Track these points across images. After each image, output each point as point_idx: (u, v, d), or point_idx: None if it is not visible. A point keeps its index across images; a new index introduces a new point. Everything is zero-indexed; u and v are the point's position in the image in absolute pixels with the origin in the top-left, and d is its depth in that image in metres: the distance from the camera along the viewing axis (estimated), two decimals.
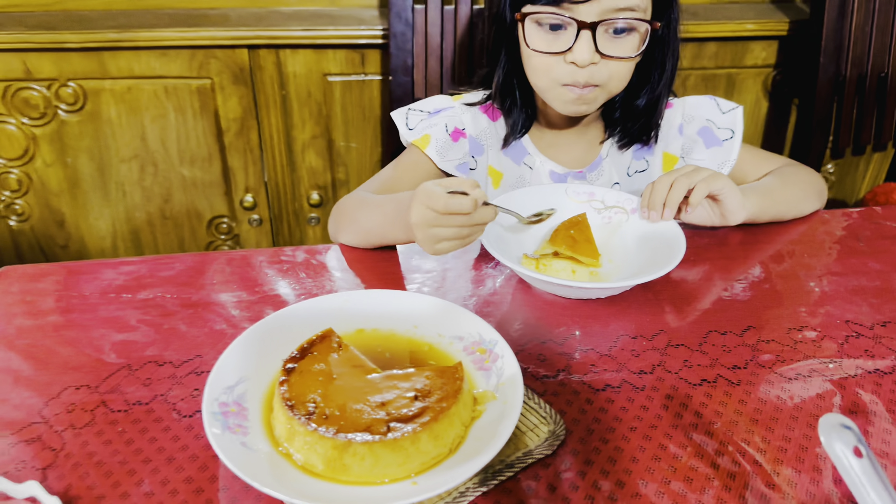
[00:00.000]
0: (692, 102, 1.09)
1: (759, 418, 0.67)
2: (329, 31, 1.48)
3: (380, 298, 0.75)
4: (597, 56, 0.90)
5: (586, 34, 0.88)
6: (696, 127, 1.08)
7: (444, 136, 1.03)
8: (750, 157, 1.07)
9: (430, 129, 1.03)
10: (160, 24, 1.47)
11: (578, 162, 1.07)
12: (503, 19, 0.98)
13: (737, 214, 0.91)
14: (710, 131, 1.08)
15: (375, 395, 0.61)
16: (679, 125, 1.09)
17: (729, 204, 0.90)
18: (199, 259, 0.87)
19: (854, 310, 0.82)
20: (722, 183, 0.89)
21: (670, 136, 1.09)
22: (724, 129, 1.07)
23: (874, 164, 1.92)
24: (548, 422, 0.65)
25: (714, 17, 1.62)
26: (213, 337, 0.75)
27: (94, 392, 0.68)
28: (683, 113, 1.09)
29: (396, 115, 1.06)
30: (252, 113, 1.58)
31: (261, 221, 1.72)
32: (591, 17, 0.88)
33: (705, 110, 1.09)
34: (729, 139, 1.06)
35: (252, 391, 0.65)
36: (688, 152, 1.09)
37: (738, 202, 0.90)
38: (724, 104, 1.09)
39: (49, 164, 1.59)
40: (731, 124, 1.07)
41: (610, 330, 0.78)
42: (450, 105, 1.07)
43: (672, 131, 1.09)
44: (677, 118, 1.09)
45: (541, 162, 1.06)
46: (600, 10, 0.87)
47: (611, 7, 0.87)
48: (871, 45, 1.59)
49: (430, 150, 1.02)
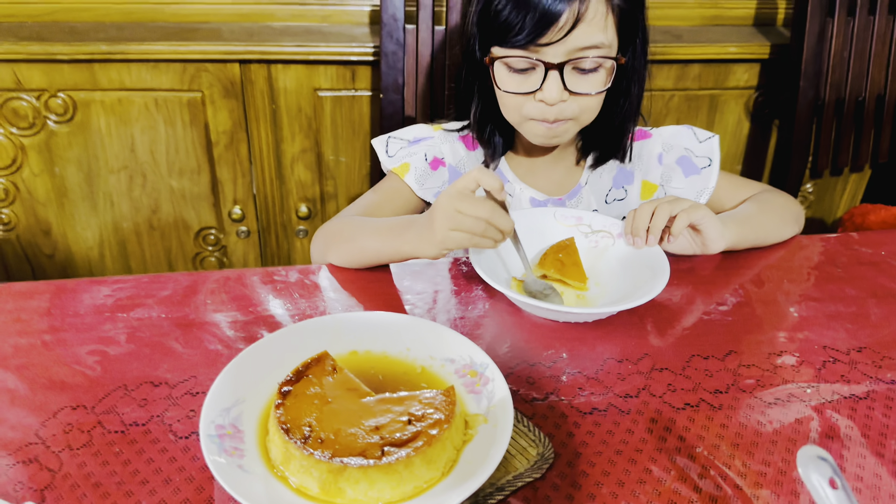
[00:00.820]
0: (670, 132, 1.13)
1: (739, 442, 0.69)
2: (320, 48, 1.50)
3: (373, 320, 0.77)
4: (565, 94, 0.93)
5: (554, 74, 0.92)
6: (675, 156, 1.11)
7: (424, 164, 1.06)
8: (727, 184, 1.11)
9: (409, 158, 1.07)
10: (152, 38, 1.48)
11: (558, 188, 1.10)
12: (474, 58, 1.00)
13: (717, 243, 0.94)
14: (688, 160, 1.11)
15: (370, 418, 0.63)
16: (658, 154, 1.12)
17: (709, 233, 0.93)
18: (193, 278, 0.88)
19: (831, 335, 0.85)
20: (702, 213, 0.92)
21: (650, 165, 1.12)
22: (701, 157, 1.10)
23: (851, 184, 1.97)
24: (537, 445, 0.67)
25: (698, 40, 1.65)
26: (207, 357, 0.76)
27: (91, 412, 0.69)
28: (662, 142, 1.12)
29: (377, 142, 1.09)
30: (242, 126, 1.59)
31: (248, 233, 1.73)
32: (558, 59, 0.91)
33: (683, 139, 1.12)
34: (707, 167, 1.09)
35: (248, 413, 0.66)
36: (667, 181, 1.12)
37: (717, 232, 0.93)
38: (700, 133, 1.12)
39: (37, 173, 1.59)
40: (709, 153, 1.10)
41: (597, 353, 0.80)
42: (429, 135, 1.10)
43: (652, 160, 1.12)
44: (657, 147, 1.12)
45: (520, 189, 1.09)
46: (566, 51, 0.91)
47: (576, 46, 0.91)
48: (850, 70, 1.64)
49: (409, 178, 1.05)
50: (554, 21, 0.88)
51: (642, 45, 1.00)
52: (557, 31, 0.89)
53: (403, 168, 1.06)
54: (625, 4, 0.93)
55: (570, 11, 0.88)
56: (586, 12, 0.89)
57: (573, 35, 0.89)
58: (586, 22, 0.89)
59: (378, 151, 1.09)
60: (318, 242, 0.99)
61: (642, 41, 1.00)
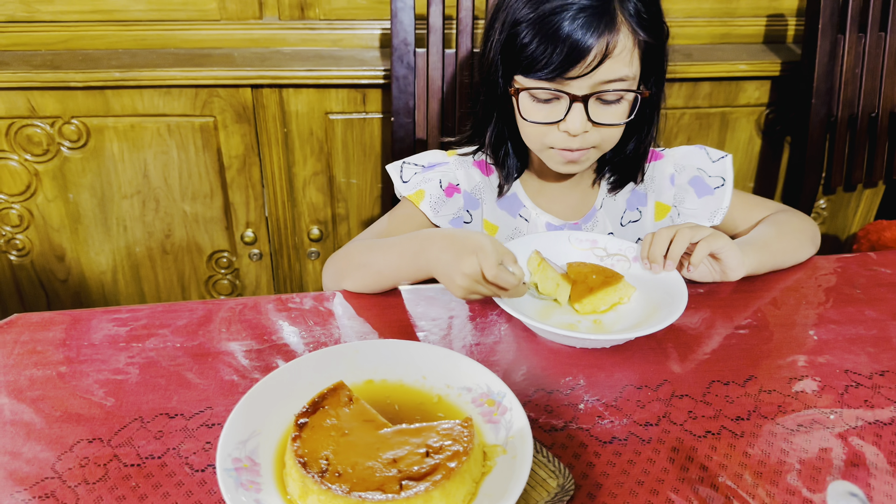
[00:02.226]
0: (682, 153, 1.13)
1: (763, 471, 0.68)
2: (331, 72, 1.50)
3: (389, 349, 0.77)
4: (589, 125, 0.94)
5: (578, 106, 0.92)
6: (688, 176, 1.11)
7: (439, 191, 1.06)
8: (741, 204, 1.10)
9: (424, 185, 1.06)
10: (164, 64, 1.49)
11: (573, 213, 1.09)
12: (495, 86, 1.01)
13: (736, 272, 0.93)
14: (701, 180, 1.10)
15: (387, 451, 0.62)
16: (671, 175, 1.12)
17: (729, 262, 0.92)
18: (208, 307, 0.88)
19: (852, 359, 0.84)
20: (722, 242, 0.91)
21: (663, 187, 1.12)
22: (714, 177, 1.10)
23: (865, 200, 1.95)
24: (557, 476, 0.66)
25: (708, 59, 1.65)
26: (223, 388, 0.76)
27: (107, 445, 0.68)
28: (675, 163, 1.12)
29: (391, 168, 1.09)
30: (254, 150, 1.60)
31: (261, 256, 1.73)
32: (583, 91, 0.92)
33: (695, 159, 1.12)
34: (720, 187, 1.09)
35: (264, 445, 0.66)
36: (680, 201, 1.12)
37: (737, 260, 0.92)
38: (713, 153, 1.12)
39: (51, 199, 1.60)
40: (722, 172, 1.10)
41: (615, 379, 0.79)
42: (444, 160, 1.09)
43: (664, 181, 1.12)
44: (669, 168, 1.12)
45: (536, 214, 1.09)
46: (592, 84, 0.91)
47: (601, 80, 0.91)
48: (862, 86, 1.63)
49: (424, 206, 1.05)
50: (583, 57, 0.89)
51: (662, 75, 1.01)
52: (585, 66, 0.89)
53: (419, 195, 1.05)
54: (650, 39, 0.93)
55: (599, 47, 0.89)
56: (615, 47, 0.90)
57: (600, 69, 0.90)
58: (613, 57, 0.90)
59: (393, 177, 1.09)
60: (331, 270, 0.99)
61: (662, 72, 1.01)
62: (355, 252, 0.96)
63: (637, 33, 0.92)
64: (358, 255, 0.96)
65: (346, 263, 0.96)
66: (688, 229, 0.91)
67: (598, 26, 0.88)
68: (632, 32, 0.92)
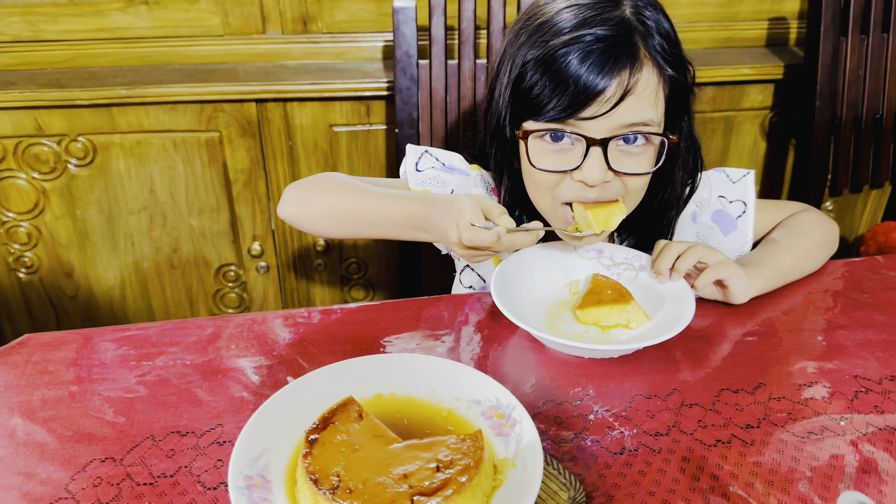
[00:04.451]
0: (702, 183, 1.03)
1: (774, 479, 0.68)
2: (335, 84, 1.51)
3: (397, 362, 0.77)
4: (609, 173, 0.85)
5: (597, 150, 0.83)
6: (710, 212, 1.05)
7: None
8: (762, 216, 1.05)
9: (434, 186, 1.00)
10: (169, 80, 1.50)
11: None
12: (504, 135, 0.92)
13: (740, 298, 0.91)
14: (724, 213, 1.04)
15: (398, 466, 0.62)
16: (692, 213, 1.05)
17: (734, 290, 0.90)
18: (217, 323, 0.89)
19: (862, 364, 0.84)
20: (731, 271, 0.88)
21: (683, 225, 1.04)
22: (735, 202, 1.04)
23: (872, 200, 1.95)
24: (568, 489, 0.66)
25: (711, 63, 1.66)
26: (233, 405, 0.76)
27: (119, 465, 0.69)
28: (695, 198, 1.04)
29: (411, 149, 1.03)
30: (259, 164, 1.60)
31: (268, 268, 1.74)
32: (601, 134, 0.83)
33: (715, 188, 1.05)
34: (742, 215, 1.03)
35: (275, 462, 0.66)
36: (705, 240, 1.05)
37: (742, 288, 0.90)
38: (733, 173, 1.05)
39: (58, 216, 1.61)
40: (742, 195, 1.04)
41: (624, 389, 0.79)
42: (465, 171, 1.03)
43: (685, 220, 1.04)
44: (690, 205, 1.04)
45: None
46: (611, 127, 0.82)
47: (623, 123, 0.82)
48: (866, 88, 1.63)
49: None
50: (599, 93, 0.81)
51: (689, 126, 0.93)
52: (603, 105, 0.81)
53: None
54: (678, 77, 0.85)
55: (619, 82, 0.81)
56: (636, 85, 0.81)
57: (619, 109, 0.81)
58: (636, 95, 0.81)
59: (408, 159, 1.01)
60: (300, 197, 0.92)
61: (689, 122, 0.93)
62: (343, 192, 0.89)
63: (663, 69, 0.83)
64: (348, 197, 0.88)
65: (328, 201, 0.89)
66: (701, 248, 0.88)
67: (619, 59, 0.80)
68: (657, 68, 0.83)
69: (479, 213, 0.79)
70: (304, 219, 0.95)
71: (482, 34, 1.42)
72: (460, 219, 0.78)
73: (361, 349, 0.86)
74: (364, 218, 0.89)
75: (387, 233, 0.90)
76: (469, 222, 0.78)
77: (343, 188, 0.92)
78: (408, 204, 0.87)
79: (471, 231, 0.77)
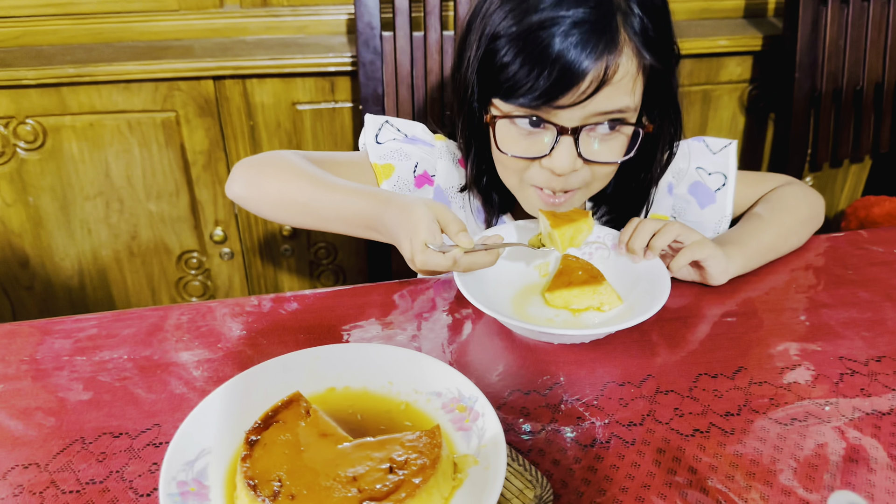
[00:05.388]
0: (680, 153, 0.98)
1: (755, 471, 0.63)
2: (296, 60, 1.44)
3: (351, 353, 0.71)
4: (578, 162, 0.81)
5: (567, 140, 0.79)
6: (687, 184, 1.01)
7: (409, 176, 0.96)
8: (744, 189, 1.01)
9: (397, 161, 0.95)
10: (121, 58, 1.42)
11: None
12: (472, 112, 0.88)
13: (718, 279, 0.87)
14: (701, 185, 1.00)
15: (347, 468, 0.57)
16: (668, 184, 1.01)
17: (712, 271, 0.86)
18: (159, 314, 0.82)
19: (847, 345, 0.79)
20: (708, 252, 0.84)
21: (659, 196, 1.00)
22: (715, 174, 1.00)
23: (852, 175, 1.91)
24: (534, 486, 0.61)
25: (687, 35, 1.60)
26: (172, 402, 0.70)
27: (44, 471, 0.63)
28: (672, 169, 0.99)
29: (370, 120, 0.97)
30: (219, 145, 1.53)
31: (232, 255, 1.67)
32: (573, 122, 0.79)
33: (694, 157, 1.01)
34: (721, 188, 0.99)
35: (214, 466, 0.60)
36: (680, 213, 1.02)
37: (720, 270, 0.86)
38: (714, 143, 1.01)
39: (10, 203, 1.53)
40: (723, 167, 0.99)
41: (596, 376, 0.74)
42: (429, 141, 0.99)
43: (660, 192, 1.00)
44: (665, 176, 0.99)
45: None
46: (584, 115, 0.79)
47: (596, 111, 0.78)
48: (846, 59, 1.58)
49: (387, 186, 0.95)
50: (576, 82, 0.75)
51: (675, 110, 0.89)
52: (579, 94, 0.76)
53: (386, 170, 0.95)
54: (658, 64, 0.80)
55: (597, 71, 0.75)
56: (615, 73, 0.76)
57: (596, 98, 0.77)
58: (613, 83, 0.77)
59: (367, 131, 0.95)
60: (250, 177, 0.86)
61: (674, 106, 0.88)
62: (293, 177, 0.82)
63: (642, 56, 0.78)
64: (297, 185, 0.82)
65: (276, 187, 0.83)
66: (677, 227, 0.84)
67: (597, 45, 0.74)
68: (636, 54, 0.78)
69: (437, 228, 0.72)
70: (253, 202, 0.88)
71: (448, 5, 1.34)
72: (414, 236, 0.72)
73: (316, 340, 0.80)
74: (313, 210, 0.83)
75: (337, 228, 0.83)
76: (423, 243, 0.71)
77: (293, 173, 0.84)
78: (360, 201, 0.79)
79: (425, 254, 0.71)
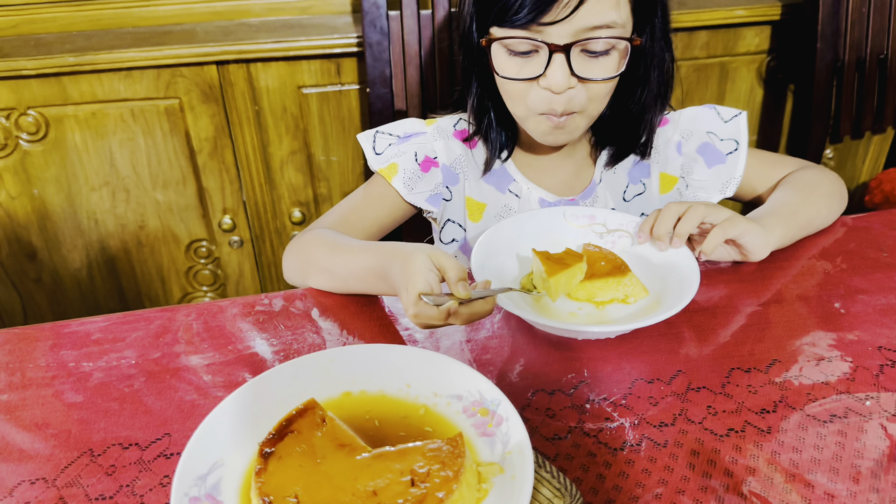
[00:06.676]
0: (689, 115, 1.01)
1: (795, 473, 0.60)
2: (301, 42, 1.40)
3: (367, 355, 0.68)
4: (572, 79, 0.83)
5: (559, 57, 0.81)
6: (696, 143, 1.00)
7: (414, 165, 0.96)
8: (758, 164, 0.99)
9: (397, 158, 0.96)
10: (122, 45, 1.39)
11: (569, 188, 0.99)
12: (470, 42, 0.90)
13: (760, 253, 0.84)
14: (711, 147, 0.99)
15: (366, 481, 0.54)
16: (677, 143, 1.01)
17: (751, 246, 0.83)
18: (167, 314, 0.79)
19: (886, 333, 0.75)
20: (742, 227, 0.81)
21: (668, 155, 1.01)
22: (727, 140, 0.99)
23: (874, 147, 1.86)
24: (563, 495, 0.58)
25: (703, 5, 1.55)
26: (182, 410, 0.67)
27: (52, 486, 0.60)
28: (681, 129, 1.00)
29: (362, 138, 0.99)
30: (225, 131, 1.50)
31: (242, 243, 1.64)
32: (563, 39, 0.81)
33: (704, 122, 1.00)
34: (733, 152, 0.98)
35: (227, 479, 0.58)
36: (688, 172, 1.01)
37: (760, 242, 0.83)
38: (724, 112, 1.00)
39: (14, 196, 1.51)
40: (735, 134, 0.99)
41: (623, 373, 0.71)
42: (421, 130, 0.99)
43: (669, 150, 1.01)
44: (674, 135, 1.00)
45: (528, 189, 0.98)
46: (573, 31, 0.80)
47: (584, 26, 0.80)
48: (869, 27, 1.52)
49: (397, 182, 0.95)
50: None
51: (662, 24, 0.89)
52: (563, 9, 0.78)
53: (391, 169, 0.96)
54: None
55: None
56: None
57: (580, 13, 0.78)
58: None
59: (364, 148, 0.98)
60: (291, 259, 0.89)
61: (662, 20, 0.89)
62: (316, 251, 0.86)
63: None
64: (320, 256, 0.85)
65: (308, 263, 0.86)
66: (702, 207, 0.81)
67: None
68: None
69: (435, 276, 0.69)
70: (299, 282, 0.90)
71: None
72: (411, 287, 0.69)
73: (329, 339, 0.77)
74: (335, 275, 0.83)
75: (355, 287, 0.82)
76: (418, 295, 0.68)
77: (315, 245, 0.86)
78: (367, 257, 0.79)
79: (417, 307, 0.68)
